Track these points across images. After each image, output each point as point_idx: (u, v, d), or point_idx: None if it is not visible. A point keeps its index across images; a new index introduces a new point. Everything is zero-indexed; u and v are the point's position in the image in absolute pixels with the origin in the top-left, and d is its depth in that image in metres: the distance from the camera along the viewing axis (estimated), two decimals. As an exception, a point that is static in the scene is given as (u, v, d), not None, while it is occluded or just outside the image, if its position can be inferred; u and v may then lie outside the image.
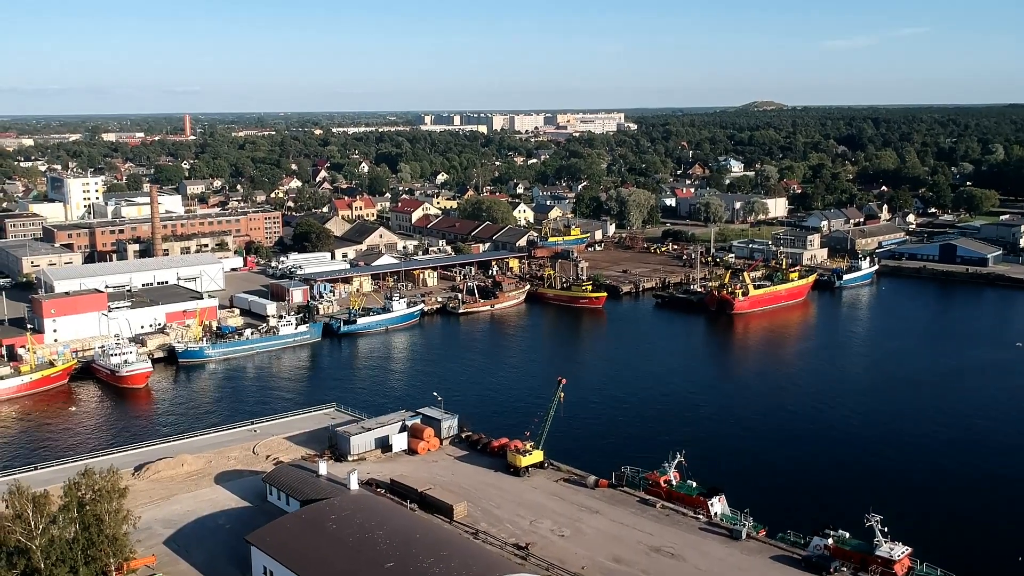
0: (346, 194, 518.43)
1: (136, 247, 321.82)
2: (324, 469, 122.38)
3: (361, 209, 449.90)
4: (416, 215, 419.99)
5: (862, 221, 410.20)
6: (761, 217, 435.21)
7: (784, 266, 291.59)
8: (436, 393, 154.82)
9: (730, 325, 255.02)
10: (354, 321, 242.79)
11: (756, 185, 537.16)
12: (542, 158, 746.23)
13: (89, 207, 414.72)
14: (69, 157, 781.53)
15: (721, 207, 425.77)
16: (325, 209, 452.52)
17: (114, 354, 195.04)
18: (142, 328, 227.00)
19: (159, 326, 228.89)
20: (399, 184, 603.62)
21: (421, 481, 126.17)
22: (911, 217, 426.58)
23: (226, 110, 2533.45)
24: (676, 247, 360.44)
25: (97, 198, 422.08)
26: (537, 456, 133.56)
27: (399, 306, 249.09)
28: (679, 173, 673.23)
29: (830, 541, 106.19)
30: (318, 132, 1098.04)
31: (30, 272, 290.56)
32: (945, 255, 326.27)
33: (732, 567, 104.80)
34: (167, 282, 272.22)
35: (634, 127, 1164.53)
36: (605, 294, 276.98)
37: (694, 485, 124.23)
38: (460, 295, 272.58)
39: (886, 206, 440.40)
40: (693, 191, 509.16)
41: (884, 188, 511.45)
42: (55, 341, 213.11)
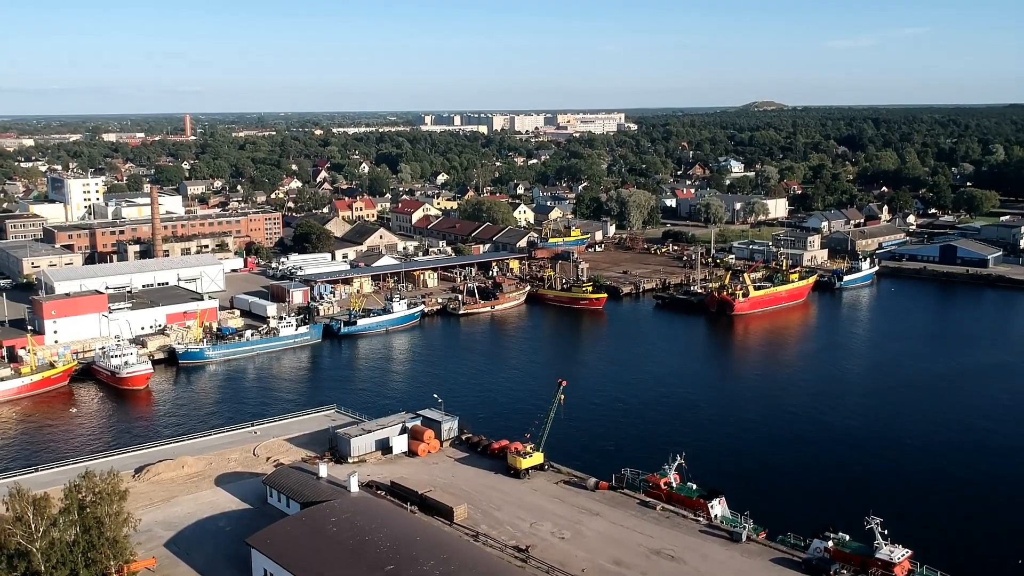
0: (346, 195, 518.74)
1: (136, 248, 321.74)
2: (324, 471, 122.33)
3: (361, 210, 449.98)
4: (416, 216, 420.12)
5: (862, 222, 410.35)
6: (761, 218, 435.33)
7: (784, 267, 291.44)
8: (436, 395, 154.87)
9: (730, 326, 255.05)
10: (354, 322, 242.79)
11: (756, 186, 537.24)
12: (542, 158, 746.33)
13: (89, 208, 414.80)
14: (69, 157, 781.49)
15: (721, 208, 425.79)
16: (325, 210, 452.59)
17: (115, 355, 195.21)
18: (142, 329, 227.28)
19: (159, 327, 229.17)
20: (399, 185, 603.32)
21: (421, 483, 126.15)
22: (911, 218, 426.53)
23: (226, 110, 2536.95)
24: (676, 248, 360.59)
25: (97, 199, 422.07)
26: (537, 458, 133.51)
27: (399, 307, 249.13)
28: (679, 174, 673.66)
29: (830, 543, 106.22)
30: (318, 132, 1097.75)
31: (30, 273, 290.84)
32: (945, 256, 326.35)
33: (732, 570, 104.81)
34: (167, 283, 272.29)
35: (634, 127, 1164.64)
36: (605, 295, 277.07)
37: (694, 487, 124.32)
38: (460, 296, 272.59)
39: (886, 207, 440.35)
40: (693, 192, 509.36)
41: (884, 189, 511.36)
42: (55, 342, 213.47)
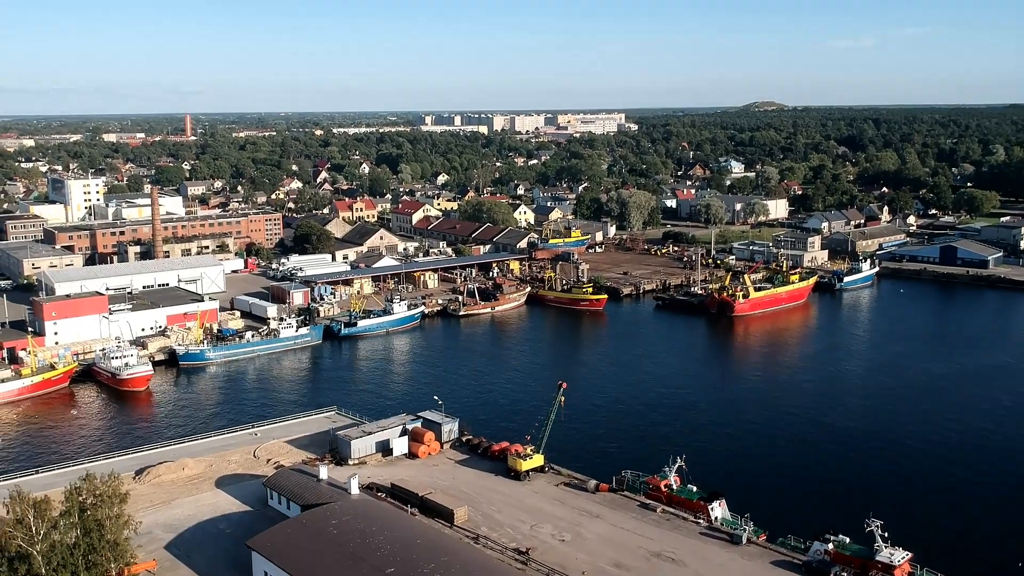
0: (347, 195, 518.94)
1: (137, 249, 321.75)
2: (325, 473, 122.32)
3: (362, 210, 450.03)
4: (417, 217, 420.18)
5: (863, 223, 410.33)
6: (762, 219, 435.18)
7: (785, 268, 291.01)
8: (437, 396, 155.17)
9: (730, 327, 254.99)
10: (355, 323, 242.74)
11: (757, 186, 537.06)
12: (543, 159, 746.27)
13: (90, 208, 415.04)
14: (70, 158, 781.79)
15: (722, 208, 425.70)
16: (326, 210, 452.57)
17: (115, 357, 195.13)
18: (143, 331, 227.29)
19: (160, 328, 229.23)
20: (400, 185, 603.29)
21: (422, 485, 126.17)
22: (912, 219, 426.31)
23: (227, 110, 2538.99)
24: (677, 249, 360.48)
25: (98, 199, 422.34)
26: (538, 460, 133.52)
27: (400, 308, 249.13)
28: (680, 174, 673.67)
29: (830, 546, 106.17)
30: (319, 133, 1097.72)
31: (31, 274, 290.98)
32: (946, 257, 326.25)
33: (733, 572, 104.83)
34: (168, 284, 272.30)
35: (635, 128, 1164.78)
36: (606, 296, 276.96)
37: (695, 489, 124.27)
38: (461, 297, 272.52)
39: (887, 207, 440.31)
40: (694, 192, 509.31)
41: (885, 189, 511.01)
42: (56, 344, 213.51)
